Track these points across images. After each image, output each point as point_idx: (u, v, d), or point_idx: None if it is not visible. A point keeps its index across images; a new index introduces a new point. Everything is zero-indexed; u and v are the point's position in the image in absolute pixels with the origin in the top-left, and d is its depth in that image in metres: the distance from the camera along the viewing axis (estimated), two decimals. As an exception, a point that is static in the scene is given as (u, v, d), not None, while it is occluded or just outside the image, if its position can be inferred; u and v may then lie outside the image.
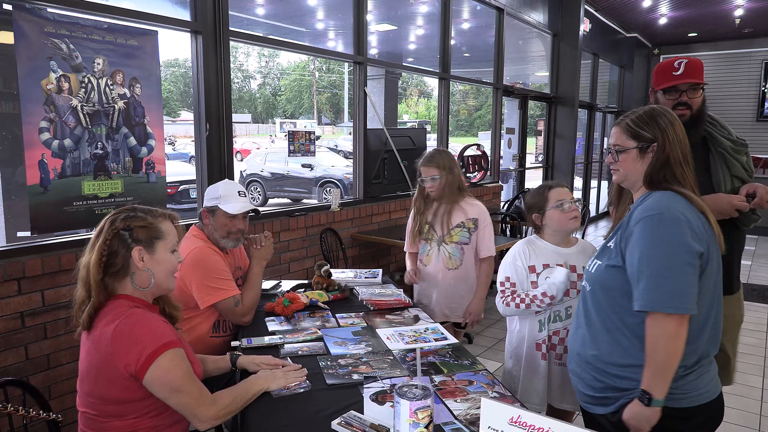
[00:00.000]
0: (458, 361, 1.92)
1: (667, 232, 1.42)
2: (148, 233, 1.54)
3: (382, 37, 7.94)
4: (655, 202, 1.48)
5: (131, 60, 2.92)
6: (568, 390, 2.13)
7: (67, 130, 2.70)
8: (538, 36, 7.97)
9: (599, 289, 1.58)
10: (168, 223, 1.60)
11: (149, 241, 1.54)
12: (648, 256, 1.43)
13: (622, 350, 1.52)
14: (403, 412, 1.13)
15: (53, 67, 2.62)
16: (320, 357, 1.93)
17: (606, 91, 10.73)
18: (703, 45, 10.61)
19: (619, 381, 1.52)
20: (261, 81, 37.12)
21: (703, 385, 1.50)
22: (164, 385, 1.44)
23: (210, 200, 2.36)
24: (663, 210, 1.45)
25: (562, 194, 2.17)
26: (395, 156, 4.84)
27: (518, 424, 1.02)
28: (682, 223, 1.43)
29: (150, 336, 1.44)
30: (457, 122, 30.74)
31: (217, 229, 2.34)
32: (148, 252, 1.53)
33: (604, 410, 1.57)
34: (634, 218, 1.49)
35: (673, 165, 1.51)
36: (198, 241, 2.33)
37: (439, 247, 2.77)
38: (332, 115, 34.20)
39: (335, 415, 1.52)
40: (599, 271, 1.59)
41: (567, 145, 8.18)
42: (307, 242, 4.01)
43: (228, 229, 2.34)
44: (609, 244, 1.59)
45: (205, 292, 2.21)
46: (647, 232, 1.44)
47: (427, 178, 2.73)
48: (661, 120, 1.54)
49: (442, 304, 2.78)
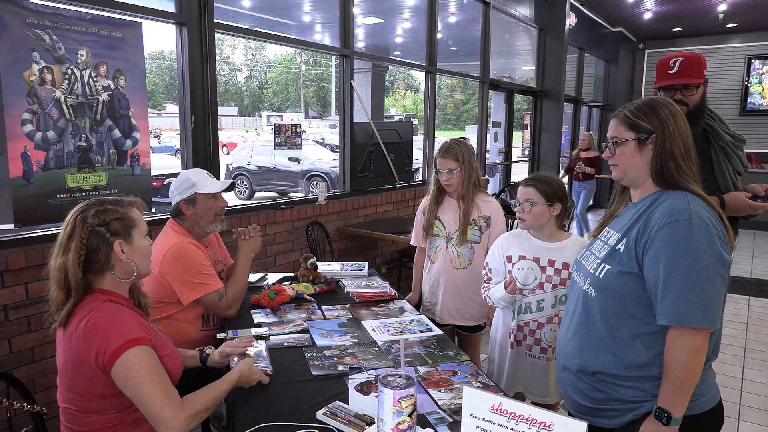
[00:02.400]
0: (443, 352, 1.94)
1: (698, 241, 1.32)
2: (123, 224, 1.53)
3: (368, 30, 7.91)
4: (678, 206, 1.37)
5: (115, 52, 2.89)
6: (536, 382, 2.16)
7: (50, 122, 2.67)
8: (524, 30, 8.00)
9: (610, 296, 1.46)
10: (136, 210, 1.59)
11: (126, 231, 1.53)
12: (677, 266, 1.32)
13: (630, 362, 1.43)
14: (387, 401, 1.15)
15: (36, 58, 2.59)
16: (306, 348, 1.94)
17: (592, 85, 10.81)
18: (687, 40, 10.71)
19: (623, 392, 1.45)
20: (247, 74, 36.85)
21: (706, 390, 1.45)
22: (127, 382, 1.39)
23: (185, 191, 2.33)
24: (692, 216, 1.34)
25: (520, 193, 2.19)
26: (382, 149, 4.85)
27: (499, 412, 1.04)
28: (712, 230, 1.34)
29: (117, 331, 1.42)
30: (444, 116, 30.77)
31: (203, 216, 2.33)
32: (127, 242, 1.52)
33: (610, 423, 1.48)
34: (656, 223, 1.37)
35: (677, 157, 1.42)
36: (178, 236, 2.30)
37: (447, 245, 2.63)
38: (319, 108, 34.07)
39: (320, 406, 1.53)
40: (610, 277, 1.46)
41: (553, 139, 8.24)
42: (293, 235, 4.01)
43: (214, 211, 2.36)
44: (619, 248, 1.46)
45: (188, 288, 2.20)
46: (674, 240, 1.33)
47: (444, 170, 2.57)
48: (661, 111, 1.45)
49: (449, 305, 2.64)
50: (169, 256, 2.19)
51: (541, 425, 0.99)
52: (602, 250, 1.53)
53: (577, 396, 1.56)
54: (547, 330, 2.11)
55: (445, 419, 1.49)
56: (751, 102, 10.20)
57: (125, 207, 1.56)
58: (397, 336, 2.07)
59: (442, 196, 2.67)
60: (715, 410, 1.46)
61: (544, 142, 8.29)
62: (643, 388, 1.42)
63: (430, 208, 2.68)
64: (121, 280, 1.54)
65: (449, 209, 2.65)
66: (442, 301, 2.65)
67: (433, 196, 2.67)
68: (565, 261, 2.09)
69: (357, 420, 1.45)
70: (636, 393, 1.43)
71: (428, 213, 2.68)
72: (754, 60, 10.16)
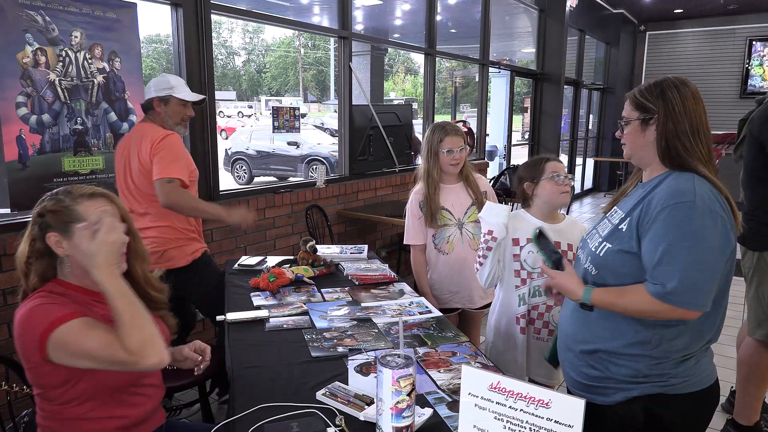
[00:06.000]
0: (442, 333, 1.94)
1: (699, 224, 1.30)
2: (59, 217, 1.39)
3: (367, 12, 7.83)
4: (682, 187, 1.35)
5: (110, 33, 2.86)
6: (543, 364, 2.15)
7: (45, 105, 2.64)
8: (525, 12, 7.92)
9: (608, 274, 1.47)
10: (90, 203, 1.42)
11: (63, 225, 1.39)
12: (677, 247, 1.31)
13: (623, 338, 1.44)
14: (386, 381, 1.15)
15: (29, 40, 2.56)
16: (305, 330, 1.94)
17: (592, 67, 10.73)
18: (688, 21, 10.61)
19: (616, 370, 1.46)
20: (245, 58, 36.56)
21: (701, 370, 1.46)
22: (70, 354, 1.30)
23: (161, 90, 2.57)
24: (695, 198, 1.32)
25: (558, 167, 2.18)
26: (381, 132, 4.82)
27: (498, 390, 1.04)
28: (717, 215, 1.32)
29: (43, 317, 1.31)
30: (444, 99, 30.57)
31: (171, 117, 2.58)
32: (65, 238, 1.39)
33: (603, 400, 1.50)
34: (658, 204, 1.35)
35: (682, 137, 1.39)
36: (160, 129, 2.54)
37: (461, 230, 2.57)
38: (318, 92, 33.87)
39: (320, 387, 1.53)
40: (609, 256, 1.46)
41: (553, 122, 8.20)
42: (292, 219, 4.00)
43: (181, 116, 2.62)
44: (621, 227, 1.45)
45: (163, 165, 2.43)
46: (676, 222, 1.32)
47: (456, 149, 2.50)
48: (669, 91, 1.42)
49: (479, 287, 2.55)
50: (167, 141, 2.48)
51: (539, 403, 0.99)
52: (605, 228, 1.53)
53: (573, 373, 1.58)
54: (556, 312, 2.10)
55: (444, 399, 1.49)
56: (752, 84, 10.12)
57: (75, 199, 1.42)
58: (396, 318, 2.07)
59: (435, 184, 2.55)
60: (710, 389, 1.48)
61: (544, 126, 8.25)
62: (637, 368, 1.43)
63: (432, 199, 2.53)
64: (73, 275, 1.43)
65: (451, 194, 2.59)
66: (472, 285, 2.58)
67: (432, 186, 2.54)
68: (569, 242, 2.10)
69: (356, 400, 1.46)
70: (628, 372, 1.44)
71: (430, 204, 2.53)
72: (755, 42, 10.07)
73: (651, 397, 1.43)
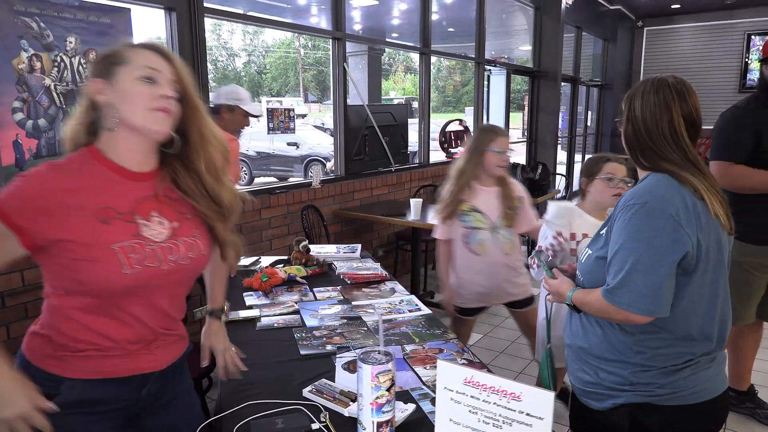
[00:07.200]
0: (430, 331, 1.98)
1: (645, 226, 1.31)
2: (107, 61, 1.20)
3: (364, 12, 7.85)
4: (644, 187, 1.37)
5: (104, 38, 2.89)
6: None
7: (41, 110, 2.68)
8: (521, 9, 7.93)
9: (590, 280, 1.49)
10: (141, 51, 1.21)
11: (107, 68, 1.19)
12: (623, 249, 1.33)
13: (609, 345, 1.44)
14: (366, 377, 1.18)
15: (24, 46, 2.60)
16: (296, 329, 1.98)
17: (590, 64, 10.73)
18: (686, 17, 10.60)
19: (604, 376, 1.45)
20: (246, 59, 36.59)
21: (698, 382, 1.39)
22: None
23: (231, 99, 2.88)
24: (649, 199, 1.32)
25: (615, 169, 2.21)
26: (376, 132, 4.85)
27: (472, 384, 1.07)
28: (668, 216, 1.29)
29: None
30: (445, 98, 30.58)
31: (233, 124, 2.89)
32: (107, 80, 1.18)
33: (596, 405, 1.50)
34: (620, 204, 1.39)
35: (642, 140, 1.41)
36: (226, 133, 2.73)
37: (495, 234, 2.60)
38: (319, 92, 33.88)
39: (307, 384, 1.57)
40: (589, 262, 1.49)
41: (550, 119, 8.21)
42: (288, 219, 4.03)
43: (241, 125, 2.94)
44: (602, 232, 1.48)
45: None
46: (629, 222, 1.33)
47: (504, 150, 2.54)
48: (636, 89, 1.44)
49: (506, 287, 2.67)
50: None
51: (511, 396, 1.02)
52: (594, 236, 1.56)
53: (573, 378, 1.60)
54: None
55: (429, 395, 1.52)
56: (751, 78, 10.11)
57: (125, 47, 1.23)
58: (387, 316, 2.10)
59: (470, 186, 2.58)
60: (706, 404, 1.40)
61: (541, 123, 8.26)
62: (623, 375, 1.41)
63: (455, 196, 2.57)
64: (108, 131, 1.21)
65: (485, 197, 2.59)
66: (499, 286, 2.66)
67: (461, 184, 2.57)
68: None
69: (342, 396, 1.49)
70: (615, 379, 1.43)
71: (451, 200, 2.58)
72: (753, 36, 10.06)
73: (637, 405, 1.41)
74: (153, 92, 1.19)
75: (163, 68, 1.22)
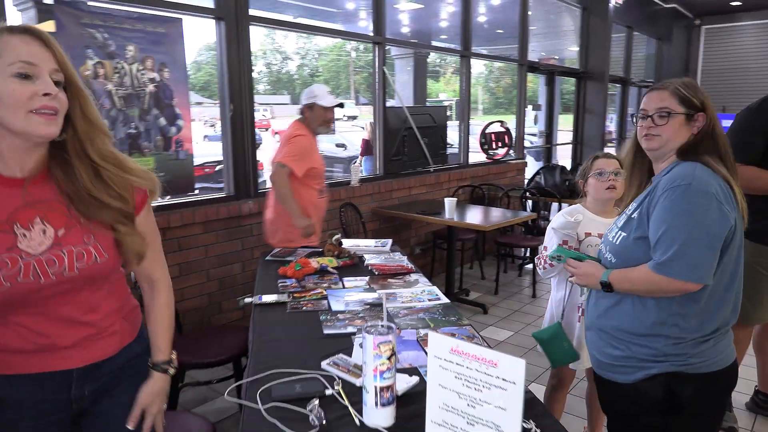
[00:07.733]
0: (445, 318, 2.10)
1: (693, 204, 1.44)
2: None
3: (412, 15, 8.00)
4: (683, 172, 1.49)
5: (159, 46, 3.17)
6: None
7: (103, 112, 2.97)
8: (567, 10, 7.88)
9: (625, 261, 1.59)
10: (12, 40, 1.04)
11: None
12: (672, 226, 1.45)
13: (643, 319, 1.56)
14: (368, 346, 1.33)
15: (90, 54, 2.89)
16: (322, 312, 2.15)
17: (642, 65, 10.50)
18: (747, 14, 10.22)
19: (636, 349, 1.57)
20: (299, 62, 37.44)
21: (719, 352, 1.55)
22: None
23: (307, 99, 3.22)
24: (692, 181, 1.45)
25: (605, 164, 2.28)
26: (415, 133, 4.99)
27: (457, 353, 1.20)
28: (711, 195, 1.44)
29: None
30: (497, 100, 30.30)
31: (315, 120, 3.23)
32: None
33: (624, 378, 1.61)
34: (661, 188, 1.50)
35: (719, 136, 1.55)
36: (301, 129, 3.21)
37: None
38: (370, 94, 34.25)
39: (326, 358, 1.73)
40: (626, 244, 1.60)
41: (597, 121, 8.11)
42: (327, 216, 4.22)
43: (323, 119, 3.25)
44: (633, 216, 1.59)
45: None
46: (674, 203, 1.45)
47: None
48: (704, 92, 1.58)
49: None
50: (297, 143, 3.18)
51: (489, 363, 1.14)
52: (621, 220, 1.68)
53: (598, 353, 1.70)
54: None
55: (435, 371, 1.65)
56: (816, 78, 9.64)
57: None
58: (408, 304, 2.24)
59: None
60: (726, 370, 1.56)
61: (588, 125, 8.18)
62: (656, 347, 1.54)
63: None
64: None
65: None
66: None
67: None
68: None
69: (355, 369, 1.64)
70: (648, 351, 1.55)
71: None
72: (820, 33, 9.59)
73: (670, 374, 1.53)
74: (31, 91, 1.04)
75: (40, 58, 1.06)
